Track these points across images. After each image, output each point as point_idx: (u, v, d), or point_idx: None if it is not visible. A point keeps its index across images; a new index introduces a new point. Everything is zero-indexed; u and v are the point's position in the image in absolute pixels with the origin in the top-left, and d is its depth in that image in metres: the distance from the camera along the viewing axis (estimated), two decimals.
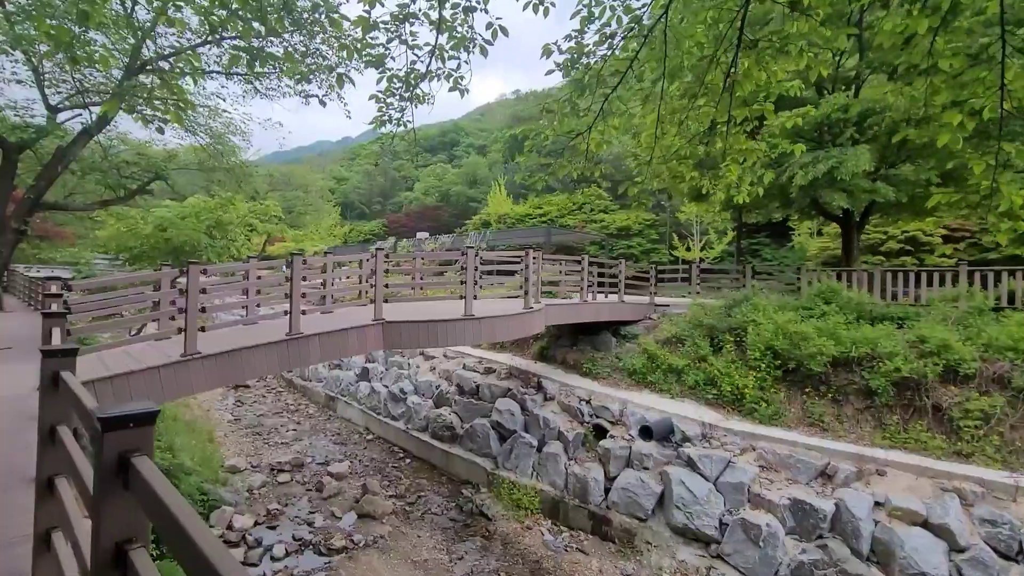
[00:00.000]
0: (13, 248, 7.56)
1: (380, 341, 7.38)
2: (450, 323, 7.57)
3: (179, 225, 12.36)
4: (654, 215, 43.69)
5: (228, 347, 5.97)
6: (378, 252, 7.41)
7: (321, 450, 12.69)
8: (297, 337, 6.53)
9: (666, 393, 10.06)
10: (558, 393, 10.89)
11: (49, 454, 2.34)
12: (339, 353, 6.96)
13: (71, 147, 7.80)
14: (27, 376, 5.77)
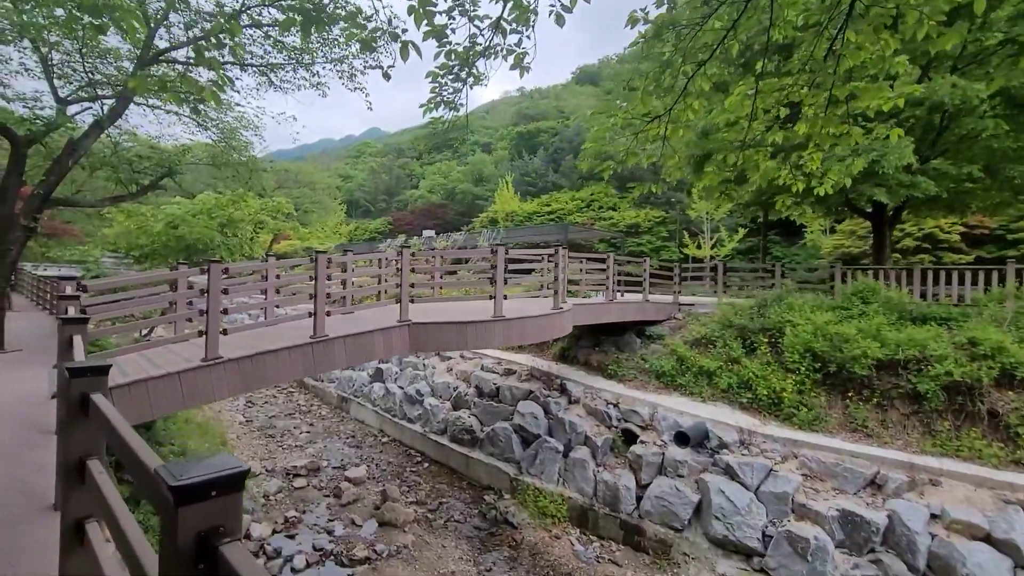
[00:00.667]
0: (23, 246, 7.23)
1: (407, 344, 7.02)
2: (479, 324, 7.20)
3: (190, 222, 12.05)
4: (663, 212, 43.22)
5: (251, 351, 5.62)
6: (404, 250, 7.04)
7: (336, 453, 12.37)
8: (322, 340, 6.18)
9: (697, 396, 9.68)
10: (583, 396, 10.52)
11: (76, 493, 1.97)
12: (365, 357, 6.61)
13: (83, 140, 7.45)
14: (40, 382, 5.44)
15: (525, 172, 54.89)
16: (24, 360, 6.74)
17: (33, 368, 6.11)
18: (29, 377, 5.60)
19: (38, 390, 4.94)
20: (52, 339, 9.27)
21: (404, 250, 7.04)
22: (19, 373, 5.83)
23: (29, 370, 6.01)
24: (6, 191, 7.54)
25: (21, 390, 4.96)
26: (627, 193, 47.26)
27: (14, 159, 7.64)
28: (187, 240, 11.09)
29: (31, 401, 4.55)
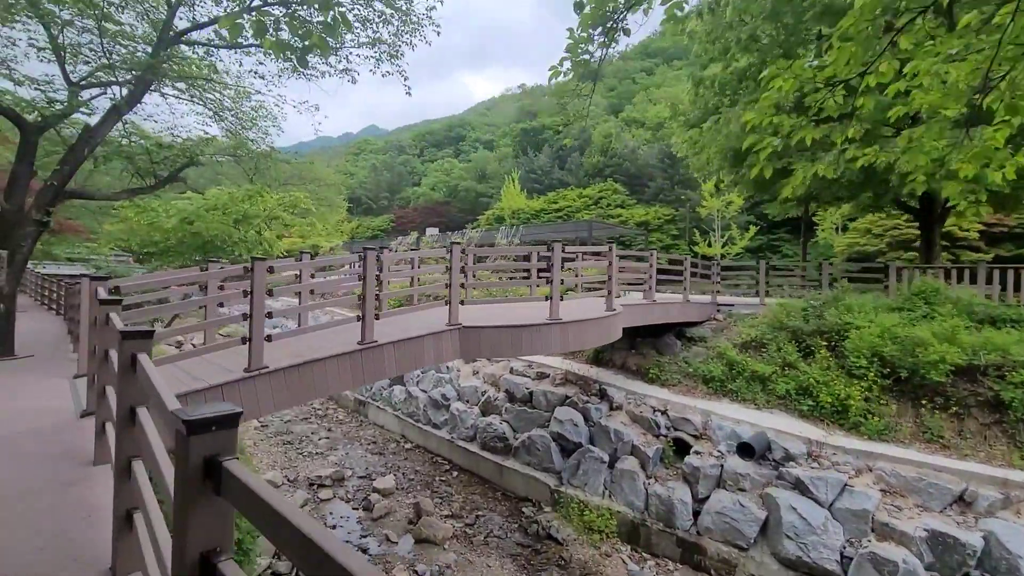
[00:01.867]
0: (35, 242, 6.61)
1: (457, 349, 6.43)
2: (535, 328, 6.61)
3: (205, 218, 11.41)
4: (673, 210, 42.67)
5: (297, 360, 5.02)
6: (454, 246, 6.44)
7: (359, 461, 11.77)
8: (371, 346, 5.58)
9: (751, 403, 9.11)
10: (625, 402, 9.94)
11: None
12: (414, 364, 6.01)
13: (100, 127, 6.82)
14: (60, 394, 4.82)
15: (531, 169, 54.26)
16: (38, 368, 6.11)
17: (50, 378, 5.49)
18: (49, 389, 4.98)
19: (63, 407, 4.32)
20: (63, 343, 8.64)
21: (455, 247, 6.43)
22: (36, 384, 5.21)
23: (46, 380, 5.39)
24: (16, 182, 6.90)
25: (44, 406, 4.34)
26: (635, 191, 46.81)
27: (24, 147, 7.01)
28: (204, 236, 10.45)
29: (59, 421, 3.93)
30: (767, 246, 46.23)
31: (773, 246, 45.65)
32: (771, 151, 5.71)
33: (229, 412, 1.21)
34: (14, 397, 4.64)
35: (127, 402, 2.28)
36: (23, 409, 4.19)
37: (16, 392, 4.83)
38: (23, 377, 5.54)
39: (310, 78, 9.86)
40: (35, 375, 5.66)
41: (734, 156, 12.96)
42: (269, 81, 9.88)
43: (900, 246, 28.24)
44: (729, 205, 37.97)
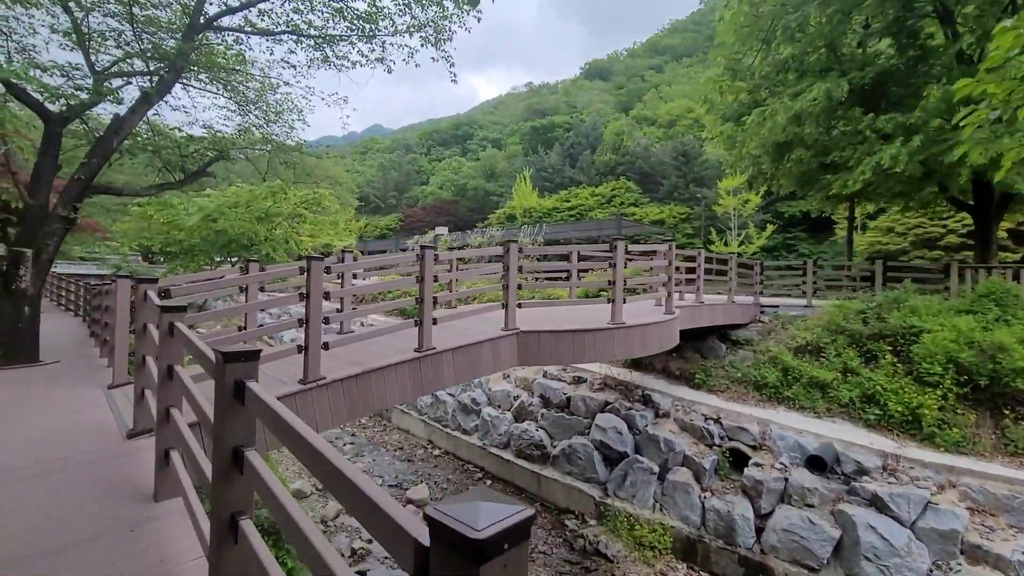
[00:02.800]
0: (60, 241, 6.17)
1: (515, 356, 5.95)
2: (597, 333, 6.12)
3: (229, 215, 10.99)
4: (688, 208, 42.03)
5: (356, 369, 4.55)
6: (511, 244, 5.95)
7: (388, 468, 11.32)
8: (430, 353, 5.11)
9: (809, 411, 8.59)
10: (671, 409, 9.44)
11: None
12: (473, 372, 5.54)
13: (130, 116, 6.38)
14: (97, 408, 4.36)
15: (541, 167, 53.68)
16: (66, 376, 5.67)
17: (83, 387, 5.04)
18: (83, 402, 4.53)
19: (105, 424, 3.86)
20: (86, 347, 8.19)
21: (512, 245, 5.94)
22: (69, 395, 4.76)
23: (79, 390, 4.94)
24: (40, 177, 6.48)
25: (83, 424, 3.88)
26: (648, 189, 46.18)
27: (48, 140, 6.57)
28: (229, 234, 10.02)
29: (104, 444, 3.46)
30: (782, 245, 45.59)
31: (788, 245, 44.99)
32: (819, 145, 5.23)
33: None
34: (48, 412, 4.19)
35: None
36: (61, 428, 3.74)
37: (49, 405, 4.39)
38: (53, 387, 5.10)
39: (341, 68, 9.42)
40: (65, 384, 5.21)
41: (776, 149, 12.41)
42: (298, 71, 9.42)
43: (924, 244, 27.58)
44: (746, 203, 37.38)
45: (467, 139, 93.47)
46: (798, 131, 10.81)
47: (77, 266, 33.01)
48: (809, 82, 11.59)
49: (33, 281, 6.12)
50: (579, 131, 58.64)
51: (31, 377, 5.53)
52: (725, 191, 37.64)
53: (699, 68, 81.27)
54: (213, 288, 4.75)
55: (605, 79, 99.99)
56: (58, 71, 6.37)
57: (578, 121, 64.96)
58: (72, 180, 6.23)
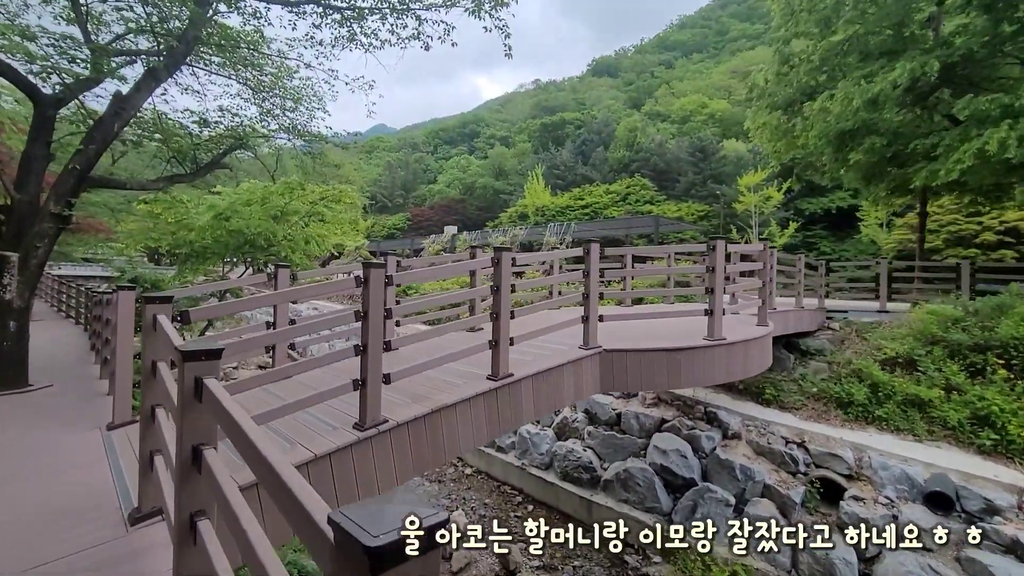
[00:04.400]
0: (54, 241, 5.20)
1: (596, 380, 4.92)
2: (695, 352, 5.08)
3: (243, 213, 9.98)
4: (707, 205, 40.83)
5: (420, 408, 3.53)
6: (593, 246, 4.92)
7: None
8: (506, 382, 4.08)
9: (907, 434, 7.52)
10: (743, 429, 8.38)
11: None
12: (553, 403, 4.51)
13: (134, 95, 5.38)
14: (94, 467, 3.30)
15: (553, 165, 52.58)
16: (59, 408, 4.68)
17: (76, 426, 4.03)
18: (77, 454, 3.51)
19: (98, 491, 2.82)
20: (86, 365, 7.14)
21: (594, 246, 4.90)
22: (57, 440, 3.75)
23: (70, 430, 3.94)
24: (29, 168, 5.49)
25: (70, 491, 2.85)
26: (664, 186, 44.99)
27: (38, 125, 5.58)
28: (246, 234, 9.02)
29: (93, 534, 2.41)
30: (803, 243, 44.35)
31: (809, 243, 43.81)
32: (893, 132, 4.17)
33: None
34: (24, 470, 3.18)
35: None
36: (37, 504, 2.70)
37: (28, 459, 3.37)
38: (39, 426, 4.10)
39: (368, 48, 8.40)
40: (55, 422, 4.21)
41: (839, 139, 11.31)
42: (321, 51, 8.42)
43: (957, 243, 26.43)
44: (767, 200, 36.27)
45: (474, 137, 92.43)
46: (874, 117, 9.72)
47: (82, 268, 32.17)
48: (880, 64, 10.50)
49: (20, 291, 5.13)
50: (590, 128, 57.51)
51: (14, 411, 4.54)
52: (745, 188, 36.53)
53: (710, 64, 79.98)
54: (239, 307, 3.70)
55: (613, 76, 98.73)
56: (48, 41, 5.36)
57: (589, 117, 63.79)
58: (66, 171, 5.24)
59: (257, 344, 3.33)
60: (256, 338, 3.33)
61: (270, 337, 3.57)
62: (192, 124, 6.77)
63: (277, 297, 3.39)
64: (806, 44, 13.06)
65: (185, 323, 2.51)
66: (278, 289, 4.69)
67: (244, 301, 3.19)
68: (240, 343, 3.49)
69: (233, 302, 2.82)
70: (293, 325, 3.84)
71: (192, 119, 6.84)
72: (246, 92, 8.35)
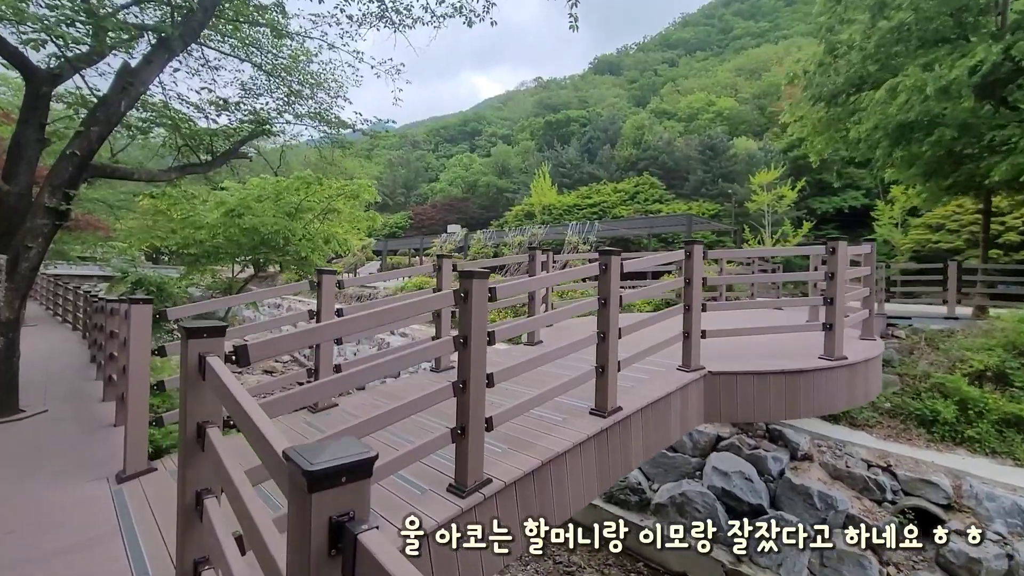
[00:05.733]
0: (49, 240, 4.39)
1: (701, 409, 4.11)
2: (814, 375, 4.27)
3: (256, 209, 9.16)
4: (718, 205, 40.08)
5: (528, 462, 2.72)
6: (695, 247, 4.11)
7: None
8: (618, 418, 3.27)
9: (1005, 457, 6.75)
10: (814, 449, 7.60)
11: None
12: (660, 441, 3.72)
13: (144, 68, 4.54)
14: (94, 543, 2.49)
15: (559, 163, 51.72)
16: (53, 446, 3.83)
17: (76, 475, 3.19)
18: (73, 516, 2.67)
19: None
20: (86, 382, 6.18)
21: (696, 247, 4.10)
22: (50, 497, 2.91)
23: (69, 481, 3.10)
24: (19, 154, 4.64)
25: None
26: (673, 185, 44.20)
27: (31, 104, 4.75)
28: (261, 233, 8.19)
29: None
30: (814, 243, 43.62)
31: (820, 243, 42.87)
32: None
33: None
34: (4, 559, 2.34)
35: None
36: None
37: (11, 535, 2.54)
38: (29, 475, 3.25)
39: (398, 26, 7.57)
40: (50, 467, 3.37)
41: (898, 131, 10.52)
42: (346, 31, 7.58)
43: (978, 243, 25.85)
44: (781, 199, 35.59)
45: (475, 135, 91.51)
46: (945, 107, 8.94)
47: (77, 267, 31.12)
48: (945, 51, 9.73)
49: (8, 300, 4.29)
50: (596, 125, 56.72)
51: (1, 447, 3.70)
52: (758, 186, 35.82)
53: (715, 62, 79.25)
54: (313, 338, 2.82)
55: (615, 74, 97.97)
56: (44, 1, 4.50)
57: (594, 115, 62.96)
58: (64, 157, 4.40)
59: (348, 383, 2.50)
60: (334, 379, 2.50)
61: (357, 373, 2.70)
62: (209, 107, 5.91)
63: (364, 322, 2.53)
64: (850, 32, 12.29)
65: (242, 364, 1.69)
66: (323, 298, 3.87)
67: (319, 330, 2.33)
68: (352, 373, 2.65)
69: (308, 331, 2.02)
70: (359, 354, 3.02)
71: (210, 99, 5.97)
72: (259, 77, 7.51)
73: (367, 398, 4.19)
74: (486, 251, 20.52)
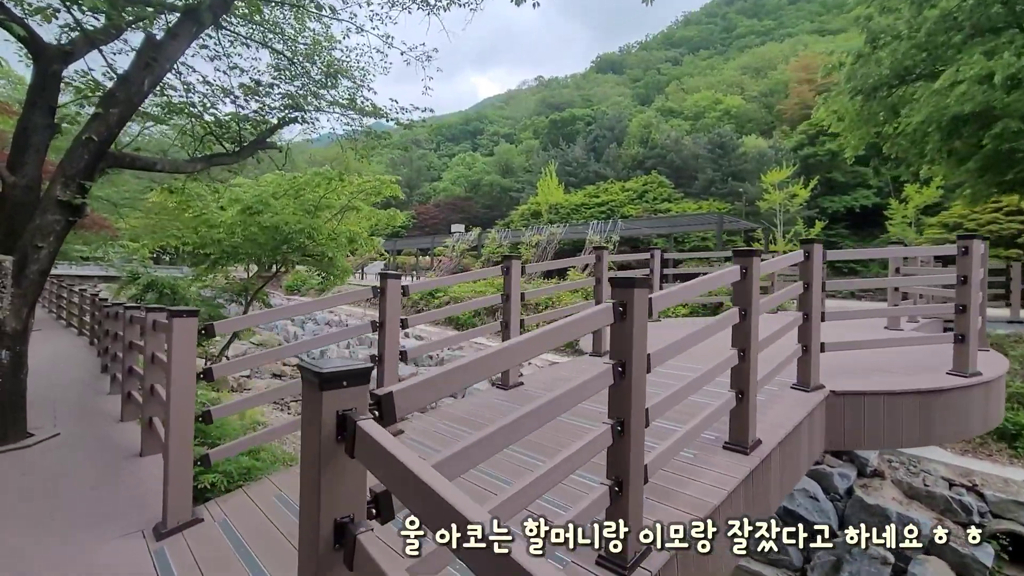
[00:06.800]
0: (61, 239, 3.81)
1: (822, 435, 3.53)
2: (951, 394, 3.69)
3: (274, 207, 8.57)
4: (728, 204, 39.51)
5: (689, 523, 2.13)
6: (815, 247, 3.53)
7: None
8: (762, 456, 2.70)
9: None
10: (883, 464, 7.03)
11: None
12: (792, 479, 3.15)
13: (170, 43, 3.95)
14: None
15: (565, 162, 51.09)
16: (75, 478, 3.25)
17: (107, 530, 2.60)
18: None
19: None
20: (99, 397, 5.54)
21: (816, 246, 3.52)
22: (82, 557, 2.33)
23: (92, 538, 2.51)
24: (26, 141, 4.06)
25: None
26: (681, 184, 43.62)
27: (39, 85, 4.16)
28: (284, 231, 7.60)
29: None
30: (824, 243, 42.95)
31: (831, 243, 42.63)
32: None
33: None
34: None
35: None
36: None
37: None
38: (43, 523, 2.67)
39: (434, 8, 7.00)
40: (68, 513, 2.78)
41: (951, 125, 9.96)
42: (376, 13, 6.99)
43: (1001, 243, 25.36)
44: (793, 198, 35.08)
45: (477, 134, 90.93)
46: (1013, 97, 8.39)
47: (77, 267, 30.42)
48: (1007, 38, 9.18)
49: (15, 309, 3.70)
50: (602, 124, 56.12)
51: (4, 483, 3.12)
52: (771, 185, 35.29)
53: (720, 60, 78.66)
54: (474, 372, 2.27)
55: (618, 72, 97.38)
56: None
57: (600, 113, 62.37)
58: (79, 143, 3.81)
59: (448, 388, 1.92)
60: None
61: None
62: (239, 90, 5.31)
63: (533, 347, 1.92)
64: (892, 21, 11.74)
65: (388, 422, 1.11)
66: (388, 306, 3.28)
67: (497, 355, 1.72)
68: None
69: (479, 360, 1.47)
70: None
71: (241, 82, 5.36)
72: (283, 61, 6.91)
73: (432, 421, 3.61)
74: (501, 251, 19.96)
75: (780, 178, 35.13)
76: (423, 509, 0.90)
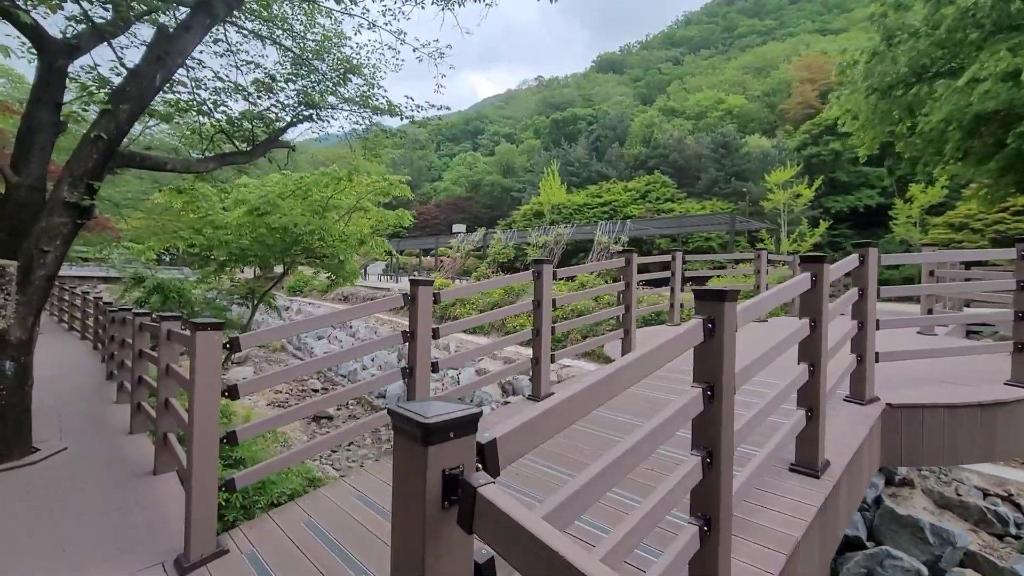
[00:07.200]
0: (69, 242, 3.62)
1: (877, 450, 3.32)
2: (1016, 407, 3.49)
3: (282, 207, 8.35)
4: (732, 204, 39.33)
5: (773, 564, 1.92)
6: (870, 251, 3.32)
7: None
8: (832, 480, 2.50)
9: None
10: (912, 473, 6.83)
11: None
12: (856, 499, 2.93)
13: (183, 36, 3.73)
14: None
15: (566, 161, 50.91)
16: (84, 499, 3.03)
17: (122, 564, 2.39)
18: None
19: None
20: (106, 406, 5.34)
21: (871, 249, 3.31)
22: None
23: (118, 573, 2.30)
24: (31, 139, 3.84)
25: None
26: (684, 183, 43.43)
27: (44, 81, 3.94)
28: (294, 233, 7.38)
29: None
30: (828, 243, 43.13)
31: (834, 243, 42.63)
32: None
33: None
34: None
35: None
36: None
37: None
38: (53, 553, 2.46)
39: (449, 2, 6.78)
40: (80, 541, 2.56)
41: (972, 123, 9.77)
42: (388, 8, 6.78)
43: (1006, 243, 25.23)
44: (798, 198, 34.91)
45: (478, 134, 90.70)
46: None
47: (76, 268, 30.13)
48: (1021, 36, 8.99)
49: (20, 317, 3.49)
50: (604, 123, 55.95)
51: (11, 505, 2.90)
52: (775, 184, 35.12)
53: (721, 60, 78.49)
54: (584, 403, 2.03)
55: (619, 72, 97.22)
56: None
57: (602, 113, 62.20)
58: (87, 141, 3.59)
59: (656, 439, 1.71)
60: None
61: None
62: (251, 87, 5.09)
63: (641, 368, 1.71)
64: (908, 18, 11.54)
65: (493, 474, 0.89)
66: (420, 314, 3.07)
67: (611, 378, 1.52)
68: None
69: (593, 387, 1.29)
70: None
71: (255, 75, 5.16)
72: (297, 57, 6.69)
73: None
74: (507, 252, 19.76)
75: (784, 178, 34.96)
76: None
